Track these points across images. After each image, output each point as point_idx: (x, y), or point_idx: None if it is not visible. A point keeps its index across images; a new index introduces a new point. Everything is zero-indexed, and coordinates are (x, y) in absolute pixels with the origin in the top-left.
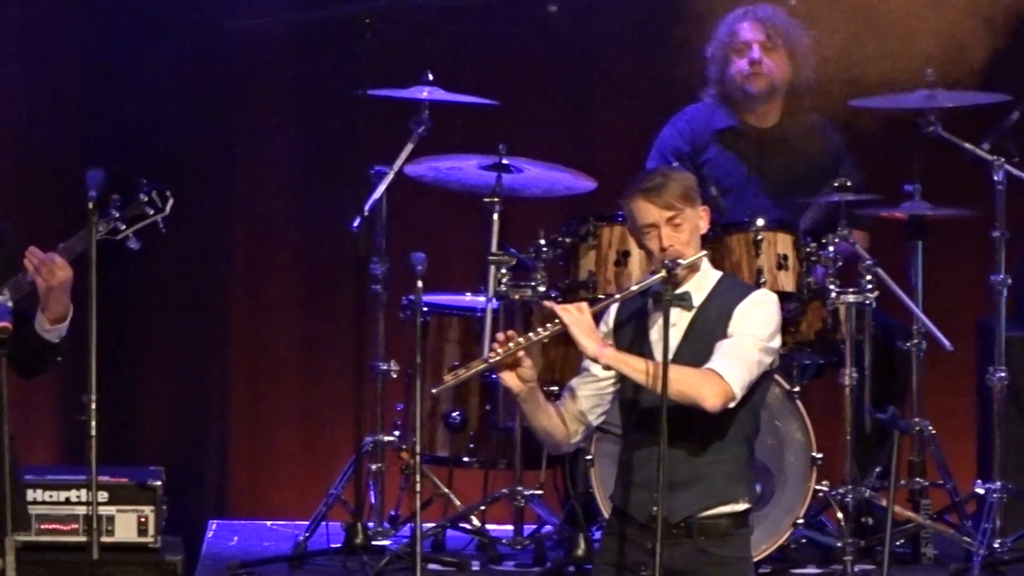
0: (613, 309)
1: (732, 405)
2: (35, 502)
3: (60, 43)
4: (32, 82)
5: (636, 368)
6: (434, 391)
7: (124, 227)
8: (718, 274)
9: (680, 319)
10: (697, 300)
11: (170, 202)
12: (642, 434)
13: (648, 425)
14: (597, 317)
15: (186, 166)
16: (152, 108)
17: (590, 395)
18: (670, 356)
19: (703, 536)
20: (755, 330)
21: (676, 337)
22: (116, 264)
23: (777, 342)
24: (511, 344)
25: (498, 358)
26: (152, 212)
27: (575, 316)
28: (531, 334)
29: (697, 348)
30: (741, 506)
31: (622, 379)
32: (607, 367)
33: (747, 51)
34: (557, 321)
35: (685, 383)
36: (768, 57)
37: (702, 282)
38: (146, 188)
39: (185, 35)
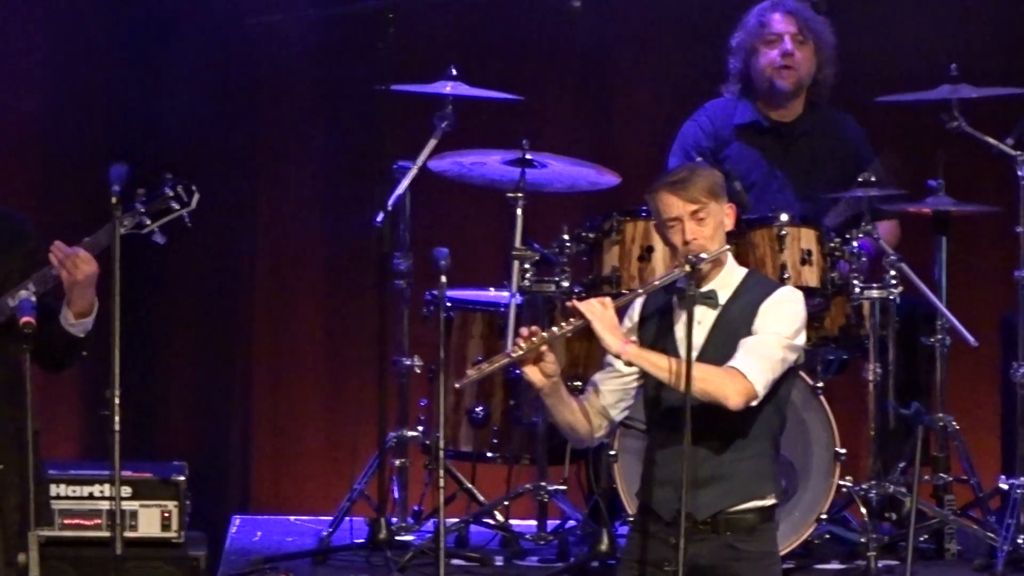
0: (638, 304)
1: (755, 404)
2: (58, 497)
3: (84, 38)
4: (56, 77)
5: (658, 366)
6: (457, 385)
7: (149, 221)
8: (744, 271)
9: (705, 317)
10: (723, 298)
11: (196, 196)
12: (666, 431)
13: (671, 423)
14: (621, 312)
15: (210, 161)
16: (176, 103)
17: (613, 390)
18: (695, 353)
19: (730, 531)
20: (780, 328)
21: (701, 334)
22: (141, 259)
23: (802, 339)
24: (534, 339)
25: (521, 353)
26: (178, 207)
27: (599, 312)
28: (554, 329)
29: (722, 346)
30: (768, 501)
31: (645, 376)
32: (629, 364)
33: (779, 42)
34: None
35: (707, 382)
36: (798, 50)
37: (728, 279)
38: (171, 183)
39: (209, 30)
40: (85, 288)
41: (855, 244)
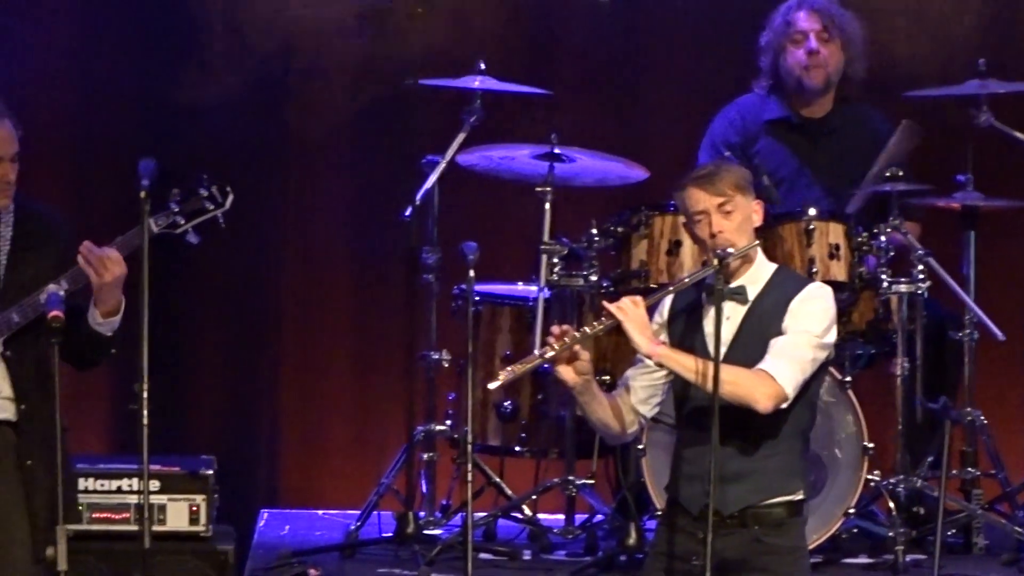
0: (668, 300)
1: (784, 406)
2: (87, 491)
3: (115, 33)
4: (87, 72)
5: (687, 367)
6: (490, 387)
7: (183, 221)
8: (773, 267)
9: (734, 312)
10: (752, 293)
11: (230, 197)
12: (694, 428)
13: (700, 420)
14: (651, 309)
15: (239, 156)
16: (206, 99)
17: (644, 386)
18: (723, 350)
19: (758, 525)
20: (810, 326)
21: (730, 331)
22: (170, 254)
23: (832, 337)
24: (566, 339)
25: (553, 353)
26: (212, 207)
27: (630, 312)
28: (586, 328)
29: (751, 342)
30: (796, 496)
31: (674, 373)
32: (659, 364)
33: (804, 41)
34: None
35: (737, 385)
36: (824, 47)
37: (757, 275)
38: (206, 183)
39: (238, 26)
40: (113, 288)
41: (883, 239)
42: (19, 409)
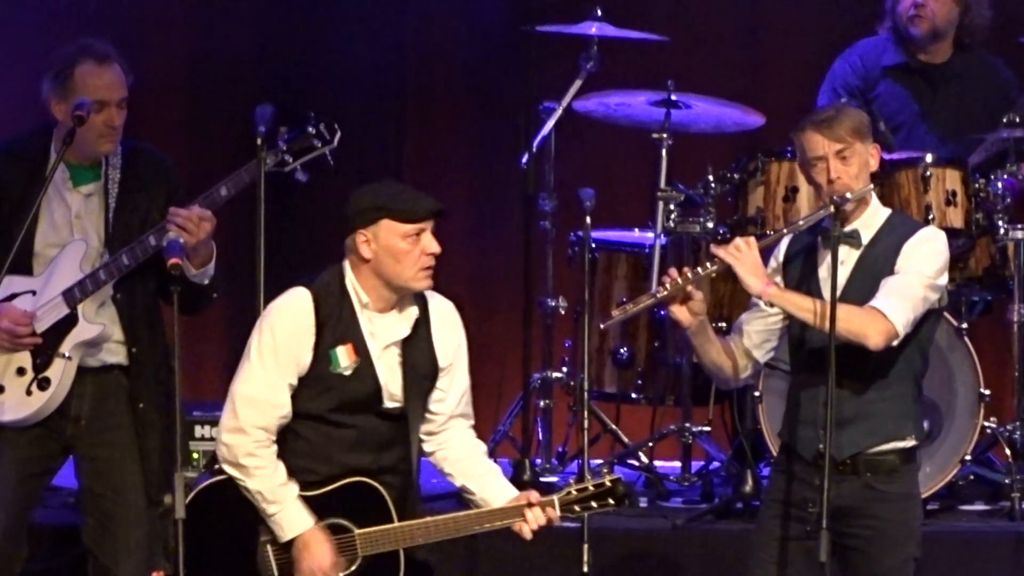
0: (784, 244)
1: (895, 343)
2: (203, 438)
3: None
4: (202, 15)
5: (800, 306)
6: (602, 326)
7: (291, 160)
8: (887, 211)
9: (848, 257)
10: (866, 238)
11: (337, 134)
12: (809, 372)
13: (814, 363)
14: (767, 252)
15: (356, 101)
16: (323, 43)
17: (759, 330)
18: (837, 294)
19: (870, 472)
20: (921, 267)
21: (844, 274)
22: (283, 198)
23: (944, 279)
24: (679, 279)
25: (665, 293)
26: (320, 144)
27: (741, 254)
28: (699, 269)
29: (865, 286)
30: (909, 443)
31: (790, 316)
32: (771, 304)
33: None
34: None
35: (848, 321)
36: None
37: (871, 219)
38: (313, 120)
39: None
40: (206, 243)
41: (999, 185)
42: (130, 352)
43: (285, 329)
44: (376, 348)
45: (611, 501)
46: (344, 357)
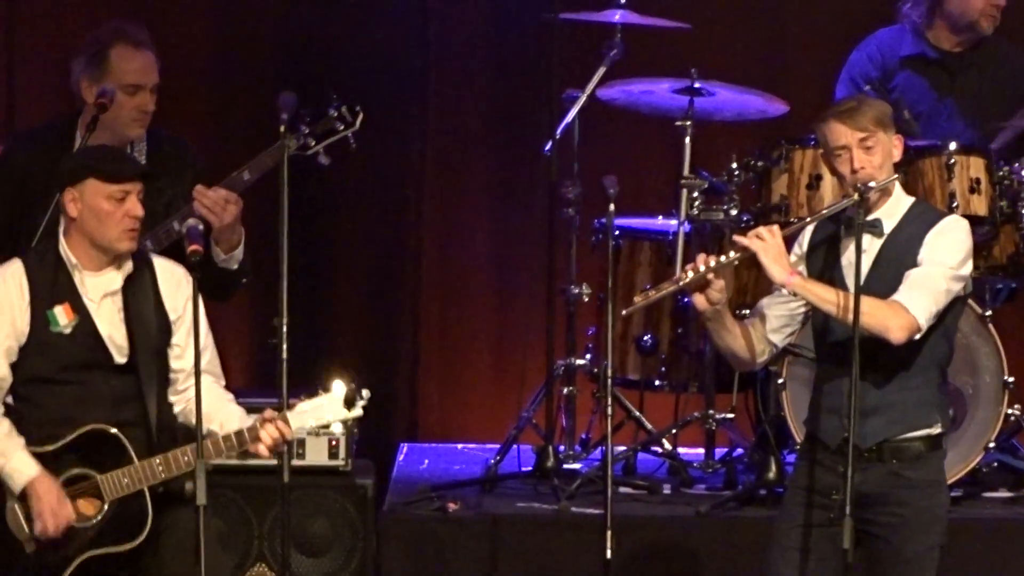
0: (808, 232)
1: (918, 337)
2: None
3: None
4: (226, 2)
5: (823, 297)
6: (624, 313)
7: (314, 143)
8: (910, 200)
9: (871, 246)
10: (888, 227)
11: (360, 117)
12: (833, 361)
13: (839, 353)
14: (790, 240)
15: (379, 88)
16: (344, 29)
17: (780, 315)
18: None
19: (895, 459)
20: (945, 258)
21: (866, 263)
22: (307, 183)
23: (968, 269)
24: (702, 267)
25: (687, 280)
26: (342, 127)
27: (765, 242)
28: (722, 257)
29: (887, 275)
30: (935, 429)
31: (813, 306)
32: (795, 294)
33: None
34: None
35: (870, 315)
36: None
37: (894, 209)
38: (336, 103)
39: None
40: (233, 226)
41: None
42: None
43: None
44: (93, 304)
45: (345, 411)
46: (62, 316)
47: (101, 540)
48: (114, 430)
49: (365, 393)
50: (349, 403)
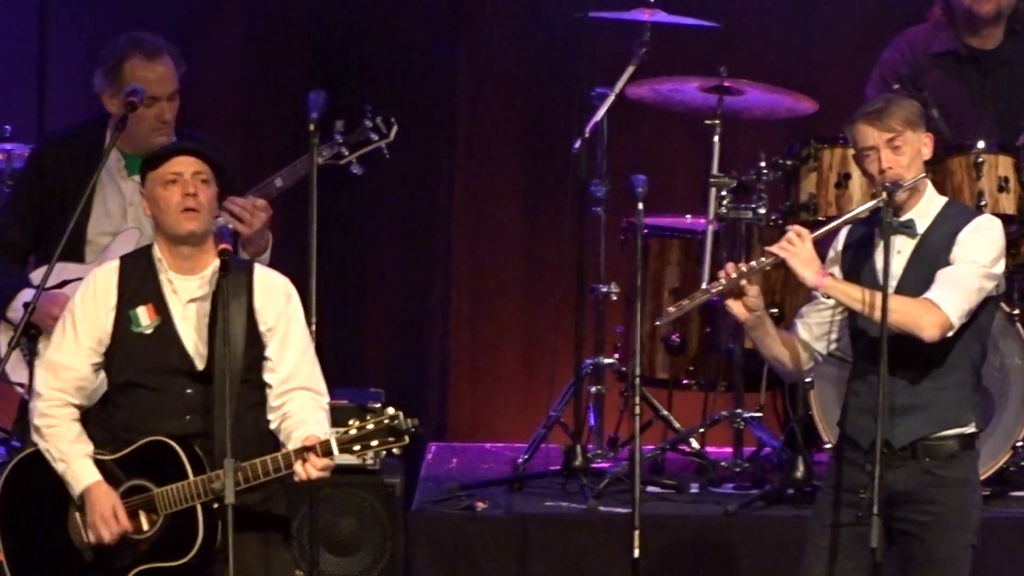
0: (843, 234)
1: (950, 335)
2: None
3: None
4: (258, 8)
5: (854, 297)
6: (657, 323)
7: (348, 153)
8: (943, 200)
9: (904, 246)
10: (921, 227)
11: (394, 128)
12: (867, 361)
13: (871, 353)
14: (824, 243)
15: (409, 89)
16: (376, 31)
17: (819, 322)
18: (893, 283)
19: (928, 457)
20: (977, 256)
21: (900, 264)
22: (338, 187)
23: (1000, 267)
24: (733, 274)
25: (720, 288)
26: (376, 138)
27: (795, 247)
28: (753, 263)
29: (921, 275)
30: (968, 429)
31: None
32: (827, 295)
33: None
34: None
35: (903, 313)
36: None
37: (927, 209)
38: (370, 114)
39: None
40: (262, 232)
41: None
42: None
43: (87, 295)
44: (177, 306)
45: (391, 439)
46: (144, 316)
47: (154, 554)
48: (173, 443)
49: (412, 422)
50: (402, 435)
